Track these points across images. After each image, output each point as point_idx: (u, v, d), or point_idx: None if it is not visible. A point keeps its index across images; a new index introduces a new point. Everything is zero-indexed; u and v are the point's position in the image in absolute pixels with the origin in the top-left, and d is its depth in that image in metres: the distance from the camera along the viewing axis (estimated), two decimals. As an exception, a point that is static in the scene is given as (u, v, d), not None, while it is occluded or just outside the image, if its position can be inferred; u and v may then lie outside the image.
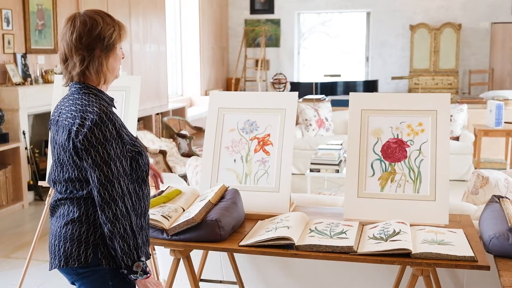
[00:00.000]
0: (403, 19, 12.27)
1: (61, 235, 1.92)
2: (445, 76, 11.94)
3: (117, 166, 1.85)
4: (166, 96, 9.77)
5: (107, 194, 1.83)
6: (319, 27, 13.61)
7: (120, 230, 1.84)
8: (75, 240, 1.89)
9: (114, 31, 1.94)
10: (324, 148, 5.60)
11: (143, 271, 1.87)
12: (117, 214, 1.84)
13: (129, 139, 1.94)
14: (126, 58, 8.40)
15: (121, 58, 2.00)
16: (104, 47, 1.91)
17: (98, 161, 1.83)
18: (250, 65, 12.94)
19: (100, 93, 1.94)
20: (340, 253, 2.10)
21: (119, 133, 1.87)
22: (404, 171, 2.51)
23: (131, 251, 1.85)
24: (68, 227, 1.91)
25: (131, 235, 1.85)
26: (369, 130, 2.58)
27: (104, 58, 1.92)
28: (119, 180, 1.85)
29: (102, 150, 1.83)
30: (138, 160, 1.95)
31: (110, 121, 1.85)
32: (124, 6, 8.36)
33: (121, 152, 1.87)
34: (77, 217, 1.90)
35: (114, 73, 1.99)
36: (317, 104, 7.92)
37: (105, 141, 1.83)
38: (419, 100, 2.60)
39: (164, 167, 5.90)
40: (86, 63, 1.90)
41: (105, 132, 1.83)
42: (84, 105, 1.87)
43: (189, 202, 2.51)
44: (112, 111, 1.89)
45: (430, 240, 2.15)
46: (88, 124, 1.83)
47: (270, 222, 2.41)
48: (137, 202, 1.96)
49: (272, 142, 2.70)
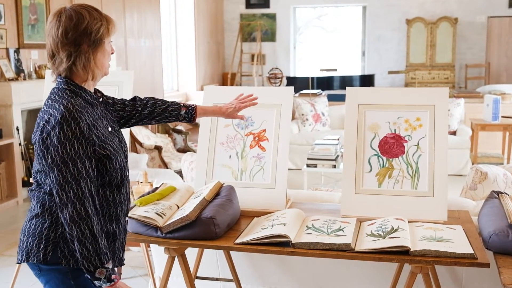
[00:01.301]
0: (399, 13, 12.22)
1: (25, 229, 1.90)
2: (441, 70, 11.91)
3: (77, 167, 1.78)
4: (161, 91, 9.71)
5: (64, 196, 1.77)
6: (315, 22, 13.55)
7: (78, 233, 1.77)
8: (36, 236, 1.86)
9: (102, 25, 1.87)
10: (321, 143, 5.56)
11: (106, 279, 1.80)
12: (74, 216, 1.77)
13: (100, 140, 1.86)
14: (121, 53, 8.34)
15: (110, 53, 1.94)
16: (91, 42, 1.85)
17: (57, 160, 1.77)
18: (246, 60, 12.89)
19: (79, 90, 1.88)
20: (337, 251, 2.07)
21: (84, 133, 1.79)
22: (402, 166, 2.47)
23: (91, 256, 1.78)
24: (32, 221, 1.89)
25: (91, 240, 1.78)
26: (366, 125, 2.55)
27: (92, 54, 1.86)
28: (79, 181, 1.78)
29: (61, 149, 1.76)
30: (105, 163, 1.87)
31: (74, 120, 1.78)
32: (119, 1, 8.28)
33: (84, 153, 1.80)
34: (40, 212, 1.87)
35: (103, 69, 1.93)
36: (313, 99, 7.88)
37: (65, 141, 1.76)
38: (416, 95, 2.55)
39: (160, 163, 5.86)
40: (73, 58, 1.84)
41: (67, 131, 1.77)
42: (54, 101, 1.83)
43: (183, 199, 2.47)
44: (79, 110, 1.81)
45: (429, 237, 2.12)
46: (52, 122, 1.78)
47: (266, 219, 2.37)
48: (105, 206, 1.90)
49: (267, 137, 2.65)
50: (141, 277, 4.05)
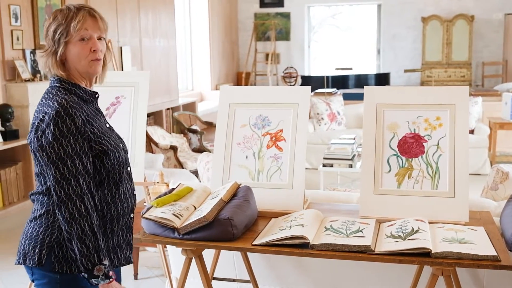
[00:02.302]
0: (415, 11, 12.12)
1: (24, 231, 1.91)
2: (458, 69, 11.79)
3: (75, 164, 1.77)
4: (176, 91, 9.72)
5: (63, 193, 1.76)
6: (330, 20, 13.49)
7: (77, 230, 1.76)
8: (32, 239, 1.86)
9: (61, 24, 1.85)
10: (337, 142, 5.52)
11: (105, 275, 1.80)
12: (74, 213, 1.76)
13: (96, 136, 1.86)
14: (136, 53, 8.35)
15: (83, 51, 1.87)
16: (52, 43, 1.87)
17: (53, 157, 1.76)
18: (260, 59, 12.86)
19: (73, 87, 1.89)
20: (357, 252, 2.03)
21: (79, 129, 1.79)
22: (422, 166, 2.43)
23: (90, 253, 1.77)
24: (30, 224, 1.90)
25: (90, 237, 1.78)
26: (385, 125, 2.51)
27: (58, 55, 1.87)
28: (77, 178, 1.77)
29: (57, 146, 1.76)
30: (103, 159, 1.87)
31: (69, 116, 1.77)
32: (133, 1, 8.30)
33: (81, 149, 1.79)
34: (38, 215, 1.88)
35: (80, 69, 1.90)
36: (328, 98, 7.83)
37: (61, 137, 1.76)
38: (436, 94, 2.51)
39: (175, 163, 5.85)
40: (50, 58, 1.87)
41: (62, 127, 1.76)
42: (48, 99, 1.84)
43: (200, 200, 2.45)
44: (73, 106, 1.81)
45: (450, 238, 2.08)
46: (46, 119, 1.78)
47: (284, 220, 2.35)
48: (104, 206, 1.89)
49: (285, 137, 2.63)
50: (158, 277, 4.04)
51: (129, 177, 2.02)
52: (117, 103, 3.25)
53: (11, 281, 4.01)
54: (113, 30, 7.74)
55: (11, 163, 5.77)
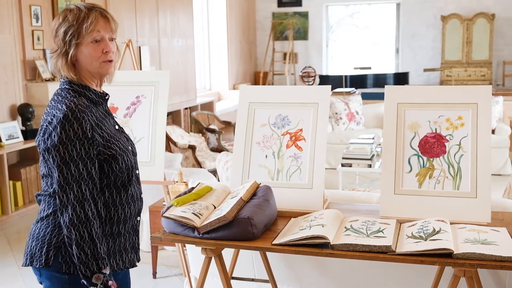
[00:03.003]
0: (434, 9, 12.01)
1: (31, 233, 1.89)
2: (478, 68, 11.66)
3: (79, 168, 1.76)
4: (194, 91, 9.75)
5: (65, 197, 1.75)
6: (348, 19, 13.43)
7: (76, 236, 1.74)
8: (39, 240, 1.85)
9: (72, 26, 1.82)
10: (356, 142, 5.50)
11: (103, 285, 1.77)
12: (74, 219, 1.74)
13: (105, 140, 1.84)
14: (154, 53, 8.40)
15: (96, 53, 1.86)
16: (62, 45, 1.84)
17: (58, 161, 1.75)
18: (278, 59, 12.85)
19: (83, 89, 1.87)
20: (377, 253, 2.02)
21: (86, 134, 1.77)
22: (443, 166, 2.40)
23: (89, 261, 1.76)
24: (37, 225, 1.88)
25: (89, 244, 1.76)
26: (406, 125, 2.48)
27: (69, 56, 1.84)
28: (80, 183, 1.76)
29: (63, 150, 1.74)
30: (111, 163, 1.85)
31: (77, 120, 1.76)
32: (152, 1, 8.34)
33: (86, 154, 1.77)
34: (45, 216, 1.86)
35: (92, 70, 1.88)
36: (347, 97, 7.80)
37: (67, 141, 1.74)
38: (458, 93, 2.48)
39: (194, 162, 5.87)
40: (61, 59, 1.85)
41: (69, 131, 1.75)
42: (57, 101, 1.82)
43: (220, 199, 2.45)
44: (82, 110, 1.79)
45: (472, 239, 2.05)
46: (54, 122, 1.76)
47: (303, 220, 2.34)
48: (111, 208, 1.88)
49: (304, 137, 2.62)
50: (176, 276, 4.06)
51: (137, 180, 2.01)
52: (137, 102, 3.27)
53: (33, 278, 4.06)
54: (132, 30, 7.79)
55: (31, 161, 5.83)
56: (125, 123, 3.26)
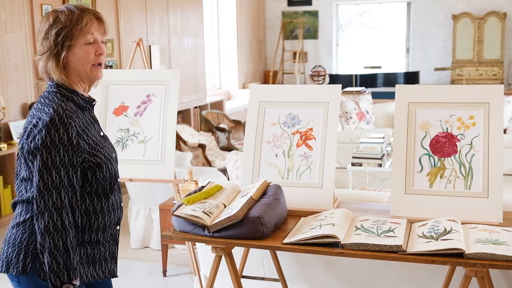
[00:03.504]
0: (445, 8, 11.94)
1: (6, 238, 1.85)
2: (489, 67, 11.58)
3: (60, 175, 1.72)
4: (204, 90, 9.76)
5: (42, 203, 1.71)
6: (358, 18, 13.39)
7: (50, 245, 1.70)
8: (16, 246, 1.80)
9: (65, 27, 1.79)
10: (366, 141, 5.48)
11: None
12: (49, 227, 1.70)
13: (90, 148, 1.81)
14: (164, 52, 8.41)
15: (88, 55, 1.84)
16: (53, 46, 1.80)
17: (40, 166, 1.71)
18: (288, 58, 12.84)
19: (71, 94, 1.84)
20: (388, 252, 2.01)
21: (71, 140, 1.73)
22: (455, 166, 2.39)
23: (60, 271, 1.71)
24: (13, 230, 1.84)
25: (63, 253, 1.71)
26: (417, 124, 2.47)
27: (59, 58, 1.81)
28: (60, 190, 1.72)
29: (46, 154, 1.70)
30: (95, 171, 1.82)
31: (63, 125, 1.72)
32: (162, 0, 8.36)
33: (69, 161, 1.73)
34: (22, 221, 1.82)
35: (82, 73, 1.85)
36: (357, 97, 7.78)
37: (51, 146, 1.71)
38: (470, 92, 2.47)
39: (204, 161, 5.88)
40: (41, 63, 1.83)
41: (54, 136, 1.71)
42: (44, 104, 1.79)
43: (230, 198, 2.46)
44: (69, 115, 1.75)
45: (484, 239, 2.04)
46: (39, 125, 1.73)
47: (313, 219, 2.34)
48: (92, 216, 1.85)
49: (315, 136, 2.61)
50: (186, 274, 4.07)
51: (118, 189, 1.98)
52: (148, 101, 3.28)
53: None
54: (142, 29, 7.81)
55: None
56: (136, 121, 3.28)
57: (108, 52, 7.14)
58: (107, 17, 7.91)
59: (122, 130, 3.29)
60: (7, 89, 5.67)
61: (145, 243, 4.58)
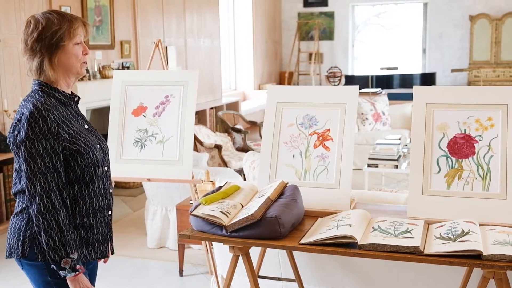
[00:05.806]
0: (463, 9, 11.87)
1: (9, 227, 2.06)
2: (507, 68, 11.48)
3: (44, 162, 1.91)
4: (220, 90, 9.80)
5: (33, 189, 1.91)
6: (374, 19, 13.35)
7: (44, 224, 1.90)
8: (15, 233, 2.01)
9: (59, 29, 1.99)
10: (382, 143, 5.47)
11: (71, 268, 1.93)
12: (41, 208, 1.90)
13: (71, 136, 1.99)
14: (181, 53, 8.46)
15: (80, 54, 2.05)
16: (47, 46, 1.98)
17: (26, 155, 1.91)
18: (303, 59, 12.84)
19: (52, 91, 2.02)
20: (405, 253, 2.01)
21: (51, 130, 1.93)
22: (472, 167, 2.39)
23: (57, 247, 1.91)
24: (13, 219, 2.05)
25: (57, 231, 1.91)
26: (435, 125, 2.47)
27: (52, 57, 1.99)
28: (46, 175, 1.91)
29: (30, 145, 1.90)
30: (76, 158, 2.00)
31: (42, 117, 1.91)
32: (179, 2, 8.41)
33: (51, 149, 1.93)
34: (20, 210, 2.02)
35: (72, 70, 2.05)
36: (373, 98, 7.76)
37: (33, 137, 1.90)
38: (488, 94, 2.46)
39: (220, 162, 5.91)
40: (35, 62, 2.00)
41: (35, 128, 1.90)
42: (26, 101, 1.98)
43: (247, 198, 2.47)
44: (48, 108, 1.94)
45: (502, 241, 2.04)
46: (22, 120, 1.92)
47: (331, 219, 2.34)
48: (80, 201, 2.03)
49: (332, 137, 2.62)
50: (202, 274, 4.09)
51: (105, 176, 2.15)
52: (166, 102, 3.30)
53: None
54: (159, 30, 7.87)
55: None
56: (154, 122, 3.30)
57: (126, 53, 7.20)
58: (124, 19, 7.98)
59: (140, 131, 3.32)
60: (25, 91, 5.74)
61: (162, 243, 4.61)
